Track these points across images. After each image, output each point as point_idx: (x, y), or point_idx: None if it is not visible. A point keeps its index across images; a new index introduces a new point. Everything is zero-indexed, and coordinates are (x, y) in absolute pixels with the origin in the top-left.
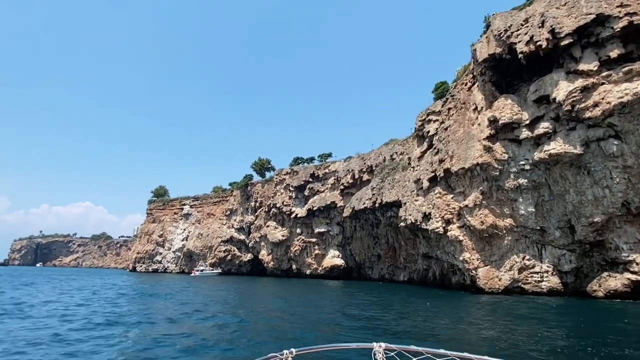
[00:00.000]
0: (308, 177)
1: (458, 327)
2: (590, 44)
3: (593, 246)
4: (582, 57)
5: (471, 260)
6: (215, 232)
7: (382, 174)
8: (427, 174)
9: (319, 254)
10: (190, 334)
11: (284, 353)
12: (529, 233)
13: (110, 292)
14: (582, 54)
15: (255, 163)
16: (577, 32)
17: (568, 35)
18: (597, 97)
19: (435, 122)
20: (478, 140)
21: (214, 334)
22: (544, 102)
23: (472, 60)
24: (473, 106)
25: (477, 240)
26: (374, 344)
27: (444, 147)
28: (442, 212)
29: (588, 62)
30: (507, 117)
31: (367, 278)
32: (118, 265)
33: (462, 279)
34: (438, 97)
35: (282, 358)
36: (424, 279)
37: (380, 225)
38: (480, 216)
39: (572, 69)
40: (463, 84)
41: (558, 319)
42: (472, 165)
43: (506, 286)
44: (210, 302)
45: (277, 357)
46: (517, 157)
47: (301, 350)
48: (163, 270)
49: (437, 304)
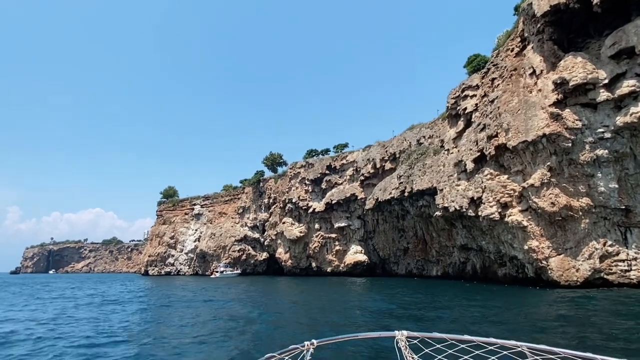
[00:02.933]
0: (324, 169)
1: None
2: None
3: None
4: None
5: (540, 249)
6: (228, 231)
7: (410, 160)
8: (472, 154)
9: (340, 250)
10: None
11: (305, 344)
12: (609, 214)
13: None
14: None
15: (266, 158)
16: None
17: None
18: None
19: (473, 98)
20: (541, 107)
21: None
22: (624, 56)
23: (522, 20)
24: (529, 70)
25: (547, 225)
26: (396, 332)
27: (492, 121)
28: (497, 195)
29: None
30: (579, 77)
31: (392, 274)
32: (130, 270)
33: (517, 271)
34: (473, 70)
35: (304, 349)
36: (462, 272)
37: (408, 216)
38: (550, 196)
39: None
40: (508, 50)
41: None
42: (536, 138)
43: (586, 278)
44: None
45: (298, 348)
46: (593, 124)
47: (323, 341)
48: (176, 273)
49: (516, 302)
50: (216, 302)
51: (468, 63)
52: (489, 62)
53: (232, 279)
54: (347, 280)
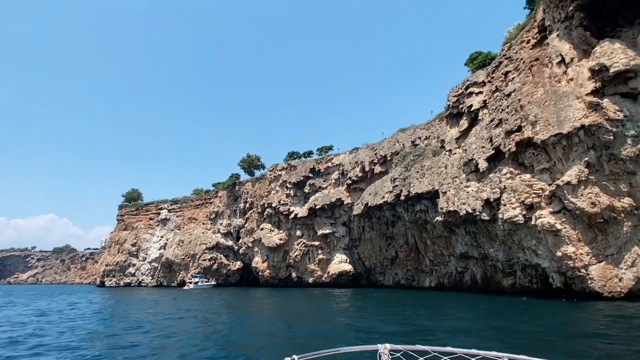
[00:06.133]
0: (308, 172)
1: None
2: None
3: None
4: None
5: (578, 256)
6: (199, 238)
7: (406, 162)
8: (485, 152)
9: (324, 259)
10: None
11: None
12: None
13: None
14: None
15: (243, 160)
16: None
17: None
18: None
19: (480, 95)
20: (576, 97)
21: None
22: None
23: (542, 8)
24: (557, 59)
25: (585, 229)
26: (379, 345)
27: (511, 115)
28: (522, 196)
29: None
30: (621, 64)
31: (378, 285)
32: (83, 281)
33: (531, 281)
34: (477, 67)
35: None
36: (458, 283)
37: (399, 223)
38: (590, 196)
39: None
40: (523, 42)
41: None
42: (572, 130)
43: (630, 288)
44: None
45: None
46: (634, 116)
47: (304, 357)
48: (137, 284)
49: (565, 319)
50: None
51: (470, 60)
52: (499, 56)
53: (208, 290)
54: (331, 292)
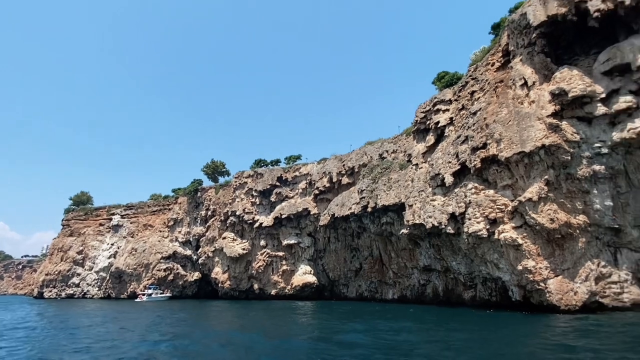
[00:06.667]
0: (275, 181)
1: None
2: None
3: None
4: None
5: (537, 270)
6: (154, 246)
7: (373, 174)
8: (451, 168)
9: (287, 270)
10: None
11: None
12: (601, 233)
13: None
14: None
15: (207, 166)
16: None
17: None
18: None
19: (446, 112)
20: (538, 118)
21: None
22: (616, 73)
23: (507, 34)
24: (520, 82)
25: (544, 244)
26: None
27: (477, 133)
28: (486, 211)
29: None
30: (579, 89)
31: (341, 297)
32: (18, 291)
33: (491, 294)
34: (444, 85)
35: None
36: (421, 296)
37: (364, 234)
38: (549, 212)
39: None
40: (489, 65)
41: None
42: (534, 149)
43: (584, 301)
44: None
45: None
46: (589, 138)
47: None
48: (81, 296)
49: (528, 331)
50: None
51: (438, 79)
52: (465, 77)
53: (162, 303)
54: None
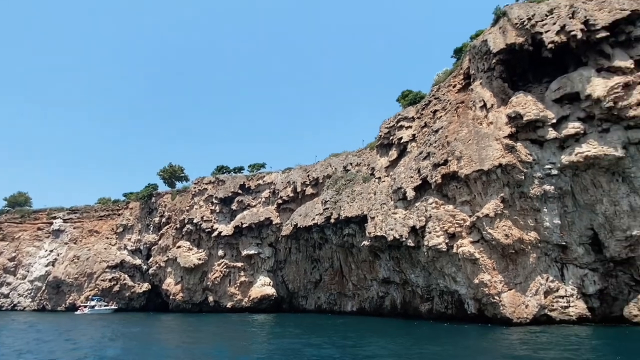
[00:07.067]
0: (237, 189)
1: None
2: (618, 43)
3: (617, 264)
4: (613, 55)
5: (492, 283)
6: (100, 254)
7: (337, 185)
8: (413, 182)
9: (245, 282)
10: None
11: None
12: (549, 250)
13: None
14: (612, 52)
15: (163, 170)
16: (609, 28)
17: (603, 28)
18: (639, 96)
19: (409, 129)
20: (495, 139)
21: None
22: (566, 101)
23: (468, 58)
24: (479, 104)
25: (499, 259)
26: None
27: (438, 150)
28: (446, 225)
29: (623, 59)
30: (532, 114)
31: (300, 309)
32: None
33: (447, 307)
34: (408, 103)
35: None
36: (379, 308)
37: (326, 246)
38: (504, 228)
39: (604, 66)
40: (450, 86)
41: None
42: (491, 167)
43: (534, 315)
44: None
45: None
46: (541, 160)
47: None
48: (10, 308)
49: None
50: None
51: (402, 97)
52: (428, 96)
53: (106, 316)
54: (253, 318)
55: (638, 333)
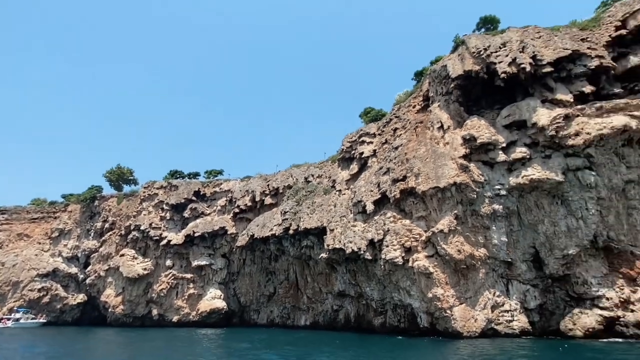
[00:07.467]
0: (191, 195)
1: None
2: (560, 78)
3: (555, 281)
4: (556, 88)
5: (445, 298)
6: (29, 261)
7: (298, 196)
8: (372, 196)
9: (194, 295)
10: None
11: None
12: (497, 266)
13: None
14: (555, 86)
15: (110, 172)
16: (554, 64)
17: (548, 64)
18: (577, 127)
19: (371, 144)
20: (451, 158)
21: None
22: (514, 127)
23: (428, 81)
24: (437, 125)
25: (451, 273)
26: None
27: (398, 166)
28: (402, 239)
29: (564, 93)
30: (485, 137)
31: (251, 324)
32: None
33: (399, 321)
34: (370, 120)
35: None
36: (333, 322)
37: (282, 257)
38: (457, 244)
39: (548, 98)
40: (410, 106)
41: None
42: (447, 185)
43: (482, 328)
44: None
45: None
46: (491, 180)
47: None
48: None
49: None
50: None
51: (365, 113)
52: (390, 114)
53: (31, 330)
54: (201, 334)
55: (573, 346)
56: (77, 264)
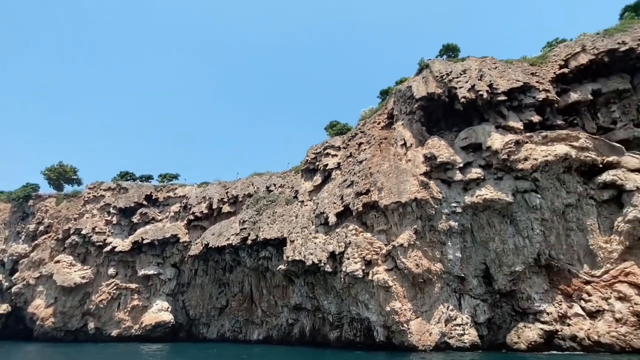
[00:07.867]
0: (142, 199)
1: None
2: (512, 107)
3: (503, 296)
4: (508, 116)
5: (402, 311)
6: None
7: (258, 205)
8: (335, 208)
9: (138, 306)
10: None
11: None
12: (451, 280)
13: None
14: (508, 113)
15: (50, 169)
16: (507, 94)
17: (502, 93)
18: (526, 152)
19: (335, 157)
20: (412, 175)
21: None
22: (470, 149)
23: (393, 100)
24: (400, 142)
25: (409, 287)
26: None
27: (362, 179)
28: (363, 252)
29: (515, 121)
30: (445, 157)
31: (200, 338)
32: None
33: (355, 335)
34: (336, 133)
35: None
36: (287, 336)
37: (237, 269)
38: (415, 258)
39: (501, 124)
40: (375, 123)
41: None
42: (408, 200)
43: (436, 342)
44: None
45: None
46: (448, 198)
47: None
48: None
49: None
50: None
51: (330, 127)
52: (355, 129)
53: None
54: (144, 350)
55: (516, 359)
56: (2, 270)
